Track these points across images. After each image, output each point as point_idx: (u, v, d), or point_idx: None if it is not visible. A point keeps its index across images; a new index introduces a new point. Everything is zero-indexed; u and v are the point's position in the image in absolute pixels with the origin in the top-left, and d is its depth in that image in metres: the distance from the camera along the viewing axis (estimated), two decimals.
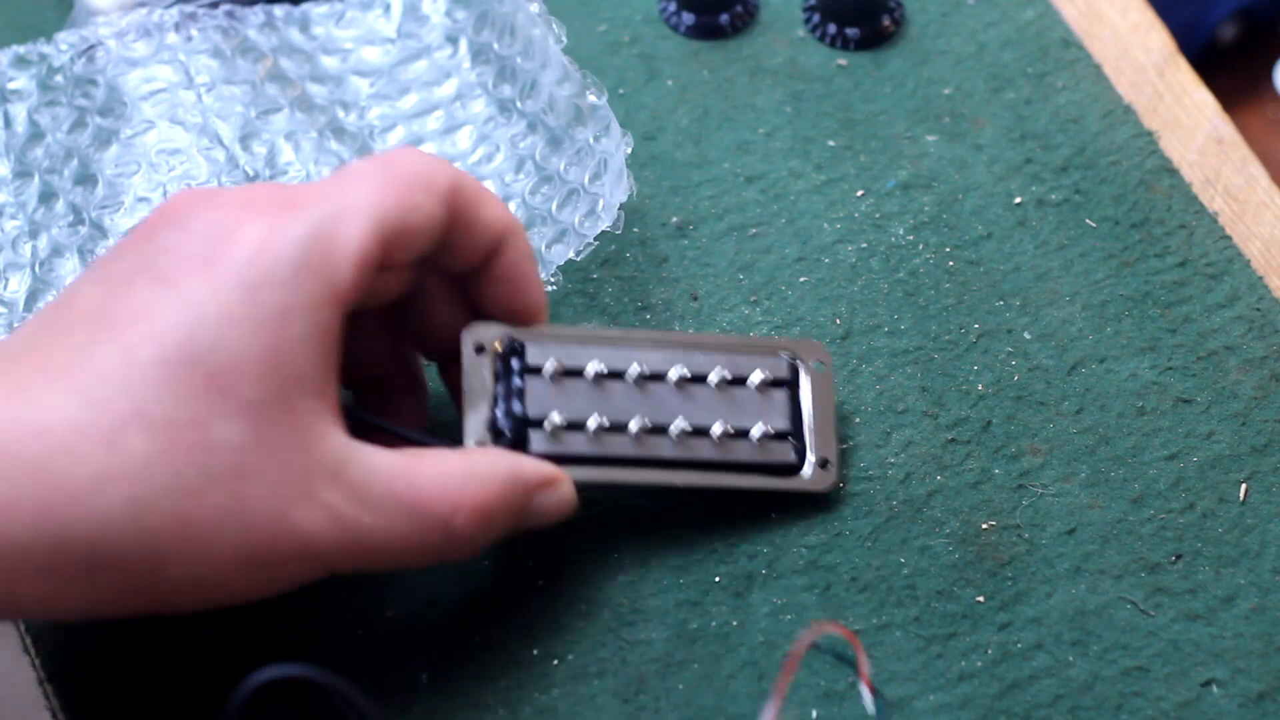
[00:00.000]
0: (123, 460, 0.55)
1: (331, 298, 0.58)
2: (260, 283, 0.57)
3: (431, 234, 0.61)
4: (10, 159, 0.74)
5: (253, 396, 0.57)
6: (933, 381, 0.71)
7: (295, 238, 0.58)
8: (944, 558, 0.67)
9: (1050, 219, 0.74)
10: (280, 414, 0.57)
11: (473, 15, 0.77)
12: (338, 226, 0.59)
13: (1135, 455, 0.69)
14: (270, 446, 0.57)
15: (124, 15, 0.75)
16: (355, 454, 0.59)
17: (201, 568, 0.57)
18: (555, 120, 0.74)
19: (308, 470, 0.57)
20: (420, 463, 0.60)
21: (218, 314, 0.57)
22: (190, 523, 0.56)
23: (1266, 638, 0.65)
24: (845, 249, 0.74)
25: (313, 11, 0.78)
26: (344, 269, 0.58)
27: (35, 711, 0.65)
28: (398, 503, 0.59)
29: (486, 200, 0.63)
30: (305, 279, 0.58)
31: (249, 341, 0.57)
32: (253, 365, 0.57)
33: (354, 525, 0.58)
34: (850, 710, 0.64)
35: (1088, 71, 0.78)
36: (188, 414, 0.56)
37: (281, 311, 0.57)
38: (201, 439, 0.56)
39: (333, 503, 0.58)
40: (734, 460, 0.66)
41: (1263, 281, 0.73)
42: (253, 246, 0.58)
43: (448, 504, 0.60)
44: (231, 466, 0.56)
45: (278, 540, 0.57)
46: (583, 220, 0.72)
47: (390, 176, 0.60)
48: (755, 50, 0.79)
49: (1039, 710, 0.64)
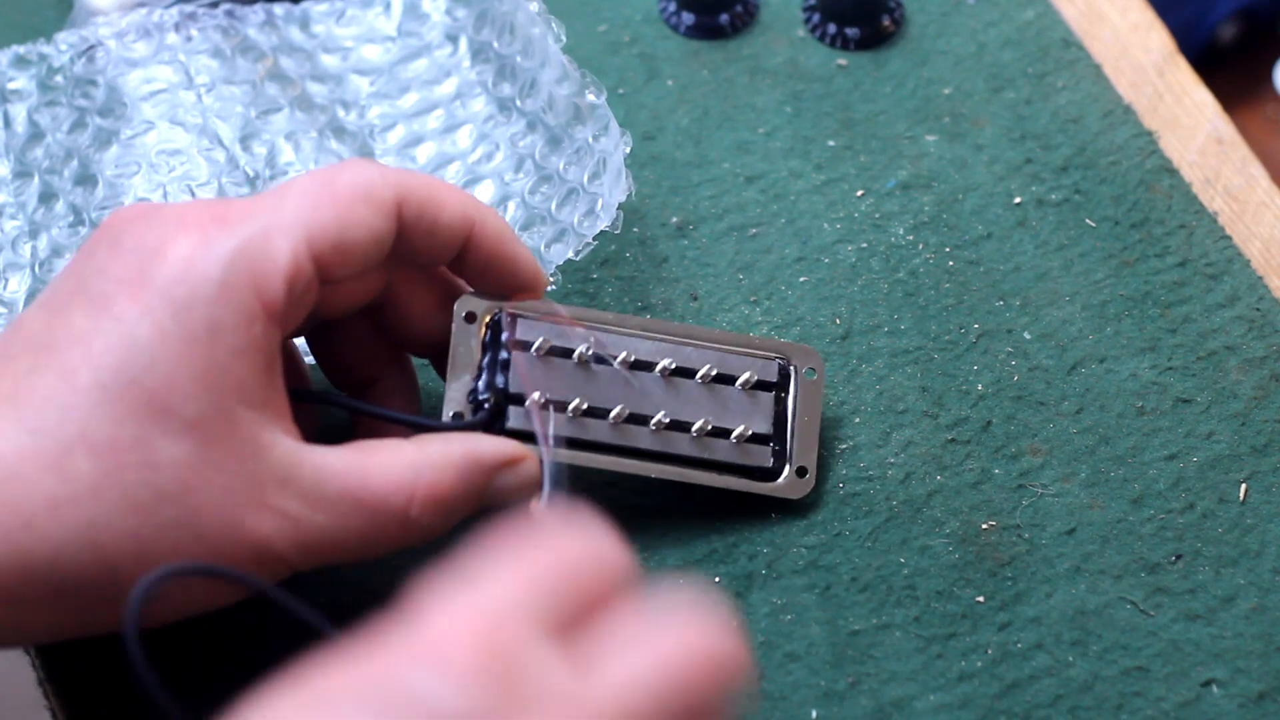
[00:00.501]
0: (72, 485, 0.57)
1: (262, 312, 0.59)
2: (188, 301, 0.58)
3: (377, 245, 0.61)
4: (10, 159, 0.74)
5: (191, 413, 0.57)
6: (933, 381, 0.71)
7: (221, 255, 0.59)
8: (944, 558, 0.67)
9: (1050, 219, 0.74)
10: (221, 427, 0.58)
11: (473, 14, 0.77)
12: (267, 243, 0.59)
13: (1135, 455, 0.69)
14: (215, 460, 0.58)
15: (124, 15, 0.75)
16: (305, 457, 0.59)
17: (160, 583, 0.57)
18: (554, 119, 0.74)
19: (257, 478, 0.58)
20: (372, 457, 0.60)
21: (150, 335, 0.58)
22: (144, 539, 0.57)
23: (1266, 638, 0.65)
24: (845, 249, 0.74)
25: (313, 10, 0.78)
26: (273, 284, 0.59)
27: (35, 711, 0.65)
28: (351, 500, 0.59)
29: (443, 200, 0.62)
30: (232, 295, 0.58)
31: (182, 359, 0.58)
32: (188, 383, 0.57)
33: (309, 526, 0.59)
34: (850, 710, 0.64)
35: (1088, 71, 0.78)
36: (130, 435, 0.57)
37: (210, 328, 0.58)
38: (146, 458, 0.57)
39: (285, 507, 0.58)
40: (711, 459, 0.66)
41: (1263, 281, 0.73)
42: (181, 265, 0.58)
43: (402, 496, 0.60)
44: (178, 482, 0.57)
45: (233, 548, 0.58)
46: (582, 220, 0.72)
47: (329, 191, 0.61)
48: (755, 50, 0.79)
49: (1039, 710, 0.64)
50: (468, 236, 0.63)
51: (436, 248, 0.63)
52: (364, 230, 0.61)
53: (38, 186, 0.74)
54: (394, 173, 0.62)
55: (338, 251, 0.60)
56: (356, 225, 0.60)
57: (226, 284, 0.58)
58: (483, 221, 0.63)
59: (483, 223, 0.63)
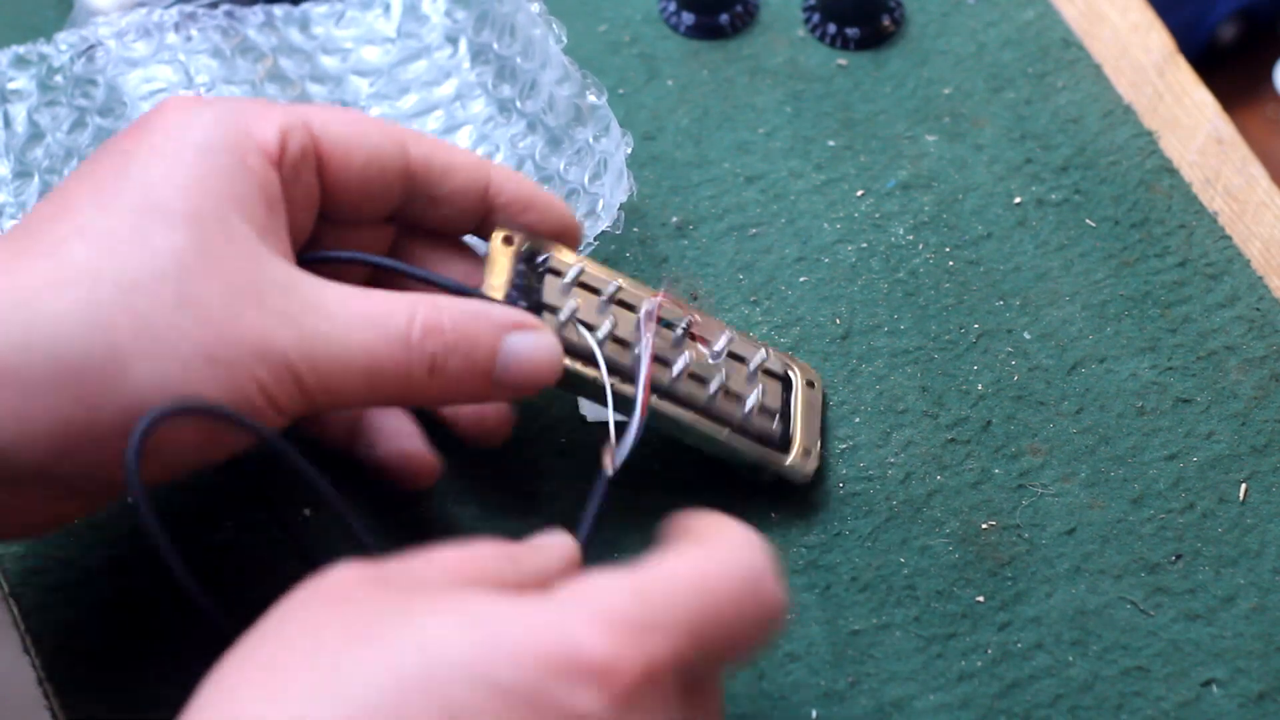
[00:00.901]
0: (69, 268, 0.57)
1: (258, 150, 0.60)
2: (187, 128, 0.60)
3: (381, 163, 0.62)
4: (10, 159, 0.74)
5: (187, 209, 0.58)
6: (933, 381, 0.71)
7: (222, 105, 0.61)
8: (944, 558, 0.67)
9: (1050, 219, 0.74)
10: (217, 230, 0.58)
11: (472, 15, 0.77)
12: (266, 107, 0.61)
13: (1135, 455, 0.69)
14: (213, 255, 0.58)
15: (124, 15, 0.75)
16: (305, 277, 0.60)
17: (162, 364, 0.57)
18: (555, 120, 0.74)
19: (257, 281, 0.58)
20: (374, 291, 0.61)
21: (147, 155, 0.59)
22: (143, 315, 0.57)
23: (1266, 638, 0.65)
24: (845, 249, 0.74)
25: (312, 11, 0.78)
26: (265, 128, 0.60)
27: (35, 711, 0.65)
28: (353, 311, 0.59)
29: (455, 151, 0.64)
30: (226, 128, 0.60)
31: (175, 167, 0.59)
32: (184, 188, 0.58)
33: (312, 331, 0.58)
34: (850, 710, 0.64)
35: (1088, 71, 0.78)
36: (126, 224, 0.58)
37: (203, 146, 0.59)
38: (142, 242, 0.57)
39: (287, 309, 0.58)
40: (727, 414, 0.66)
41: (1263, 281, 0.73)
42: (186, 110, 0.60)
43: (404, 316, 0.60)
44: (177, 266, 0.57)
45: (236, 335, 0.57)
46: (582, 220, 0.72)
47: (349, 112, 0.63)
48: (755, 50, 0.79)
49: (1039, 710, 0.64)
50: (486, 183, 0.64)
51: (456, 191, 0.63)
52: (369, 146, 0.62)
53: (38, 186, 0.74)
54: (410, 129, 0.64)
55: (340, 151, 0.61)
56: (362, 139, 0.62)
57: (220, 120, 0.60)
58: (499, 170, 0.65)
59: (499, 171, 0.64)
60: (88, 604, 0.66)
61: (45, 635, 0.65)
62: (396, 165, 0.63)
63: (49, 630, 0.65)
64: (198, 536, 0.65)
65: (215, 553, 0.66)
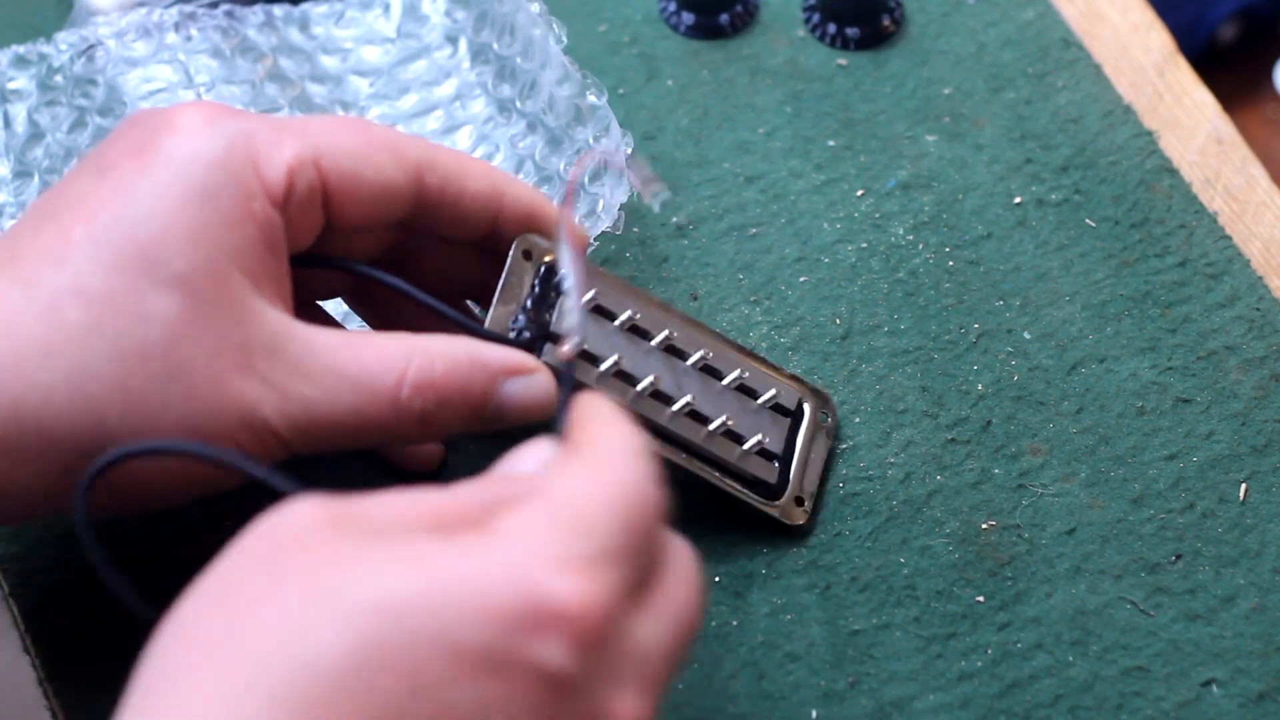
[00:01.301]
0: (62, 332, 0.57)
1: (262, 191, 0.59)
2: (188, 164, 0.59)
3: (387, 194, 0.61)
4: (10, 159, 0.74)
5: (182, 269, 0.58)
6: (933, 381, 0.71)
7: (230, 130, 0.60)
8: (944, 558, 0.67)
9: (1050, 219, 0.74)
10: (212, 288, 0.58)
11: (472, 15, 0.77)
12: (277, 135, 0.60)
13: (1135, 455, 0.69)
14: (204, 318, 0.58)
15: (124, 15, 0.75)
16: (297, 330, 0.59)
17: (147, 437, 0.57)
18: (555, 120, 0.74)
19: (245, 343, 0.58)
20: (368, 339, 0.60)
21: (147, 193, 0.58)
22: (131, 390, 0.57)
23: (1266, 638, 0.65)
24: (845, 249, 0.74)
25: (312, 11, 0.78)
26: (274, 168, 0.59)
27: (35, 711, 0.65)
28: (340, 375, 0.59)
29: (470, 171, 0.63)
30: (233, 167, 0.59)
31: (176, 217, 0.58)
32: (181, 240, 0.58)
33: (297, 397, 0.58)
34: (850, 710, 0.64)
35: (1088, 71, 0.78)
36: (120, 285, 0.57)
37: (207, 192, 0.58)
38: (136, 309, 0.57)
39: (272, 375, 0.58)
40: (720, 457, 0.66)
41: (1263, 281, 0.73)
42: (187, 133, 0.59)
43: (393, 375, 0.59)
44: (167, 334, 0.57)
45: (220, 408, 0.58)
46: (583, 221, 0.72)
47: (356, 128, 0.62)
48: (755, 50, 0.79)
49: (1039, 710, 0.64)
50: (498, 210, 0.63)
51: (466, 217, 0.63)
52: (378, 174, 0.61)
53: (38, 186, 0.74)
54: (425, 143, 0.63)
55: (349, 181, 0.61)
56: (372, 167, 0.61)
57: (230, 154, 0.59)
58: (515, 193, 0.64)
59: (515, 194, 0.64)
60: (88, 604, 0.66)
61: (45, 635, 0.65)
62: (406, 195, 0.62)
63: (49, 630, 0.65)
64: (198, 537, 0.65)
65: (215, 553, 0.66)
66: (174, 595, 0.51)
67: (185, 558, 0.56)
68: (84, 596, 0.66)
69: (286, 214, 0.60)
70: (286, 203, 0.60)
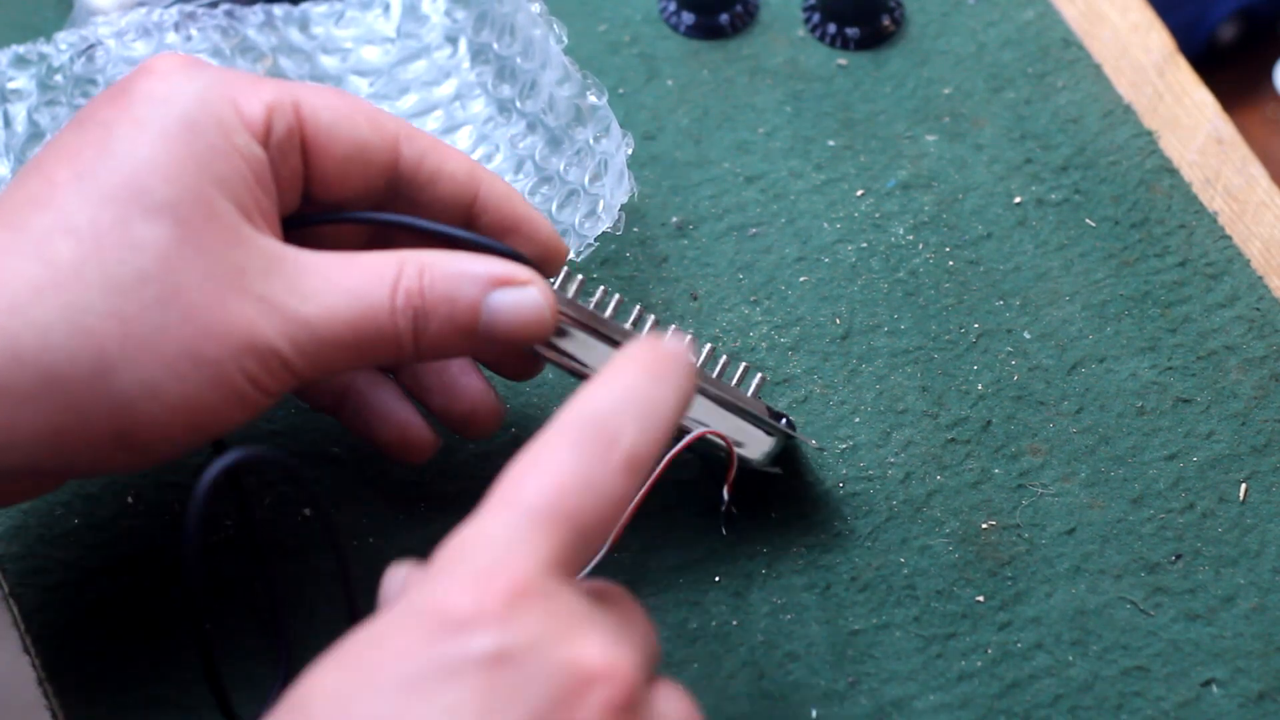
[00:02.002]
0: (53, 269, 0.57)
1: (242, 125, 0.60)
2: (169, 101, 0.59)
3: (366, 155, 0.61)
4: (10, 159, 0.74)
5: (169, 196, 0.58)
6: (933, 381, 0.71)
7: (209, 75, 0.60)
8: (944, 558, 0.67)
9: (1050, 219, 0.74)
10: (200, 214, 0.58)
11: (472, 15, 0.77)
12: (254, 81, 0.61)
13: (1135, 455, 0.69)
14: (195, 243, 0.58)
15: (124, 15, 0.75)
16: (289, 252, 0.60)
17: (149, 368, 0.57)
18: (555, 121, 0.74)
19: (239, 266, 0.58)
20: (361, 255, 0.60)
21: (128, 131, 0.59)
22: (128, 319, 0.57)
23: (1266, 638, 0.65)
24: (845, 249, 0.74)
25: (312, 11, 0.78)
26: (251, 103, 0.60)
27: (35, 711, 0.65)
28: (336, 288, 0.59)
29: (448, 154, 0.63)
30: (211, 103, 0.59)
31: (159, 149, 0.58)
32: (165, 168, 0.58)
33: (295, 315, 0.59)
34: (850, 710, 0.64)
35: (1088, 71, 0.78)
36: (108, 218, 0.57)
37: (187, 122, 0.59)
38: (125, 239, 0.57)
39: (268, 293, 0.58)
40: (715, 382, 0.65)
41: (1263, 281, 0.73)
42: (165, 76, 0.60)
43: (387, 285, 0.60)
44: (159, 261, 0.57)
45: (220, 331, 0.58)
46: (583, 221, 0.72)
47: (337, 93, 0.62)
48: (755, 50, 0.79)
49: (1039, 710, 0.64)
50: (474, 196, 0.63)
51: (440, 199, 0.63)
52: (354, 132, 0.61)
53: None
54: (404, 121, 0.63)
55: (325, 134, 0.61)
56: (349, 124, 0.61)
57: (205, 90, 0.60)
58: (490, 183, 0.63)
59: (490, 184, 0.63)
60: (88, 604, 0.66)
61: (45, 635, 0.65)
62: (382, 160, 0.62)
63: (49, 630, 0.65)
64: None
65: (215, 553, 0.66)
66: None
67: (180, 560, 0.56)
68: (84, 596, 0.66)
69: (269, 152, 0.60)
70: (266, 141, 0.60)
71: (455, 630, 0.50)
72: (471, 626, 0.50)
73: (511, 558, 0.51)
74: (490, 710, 0.49)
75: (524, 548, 0.51)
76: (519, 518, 0.52)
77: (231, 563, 0.66)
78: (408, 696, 0.49)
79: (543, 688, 0.50)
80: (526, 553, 0.51)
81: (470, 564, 0.51)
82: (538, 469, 0.53)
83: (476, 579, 0.51)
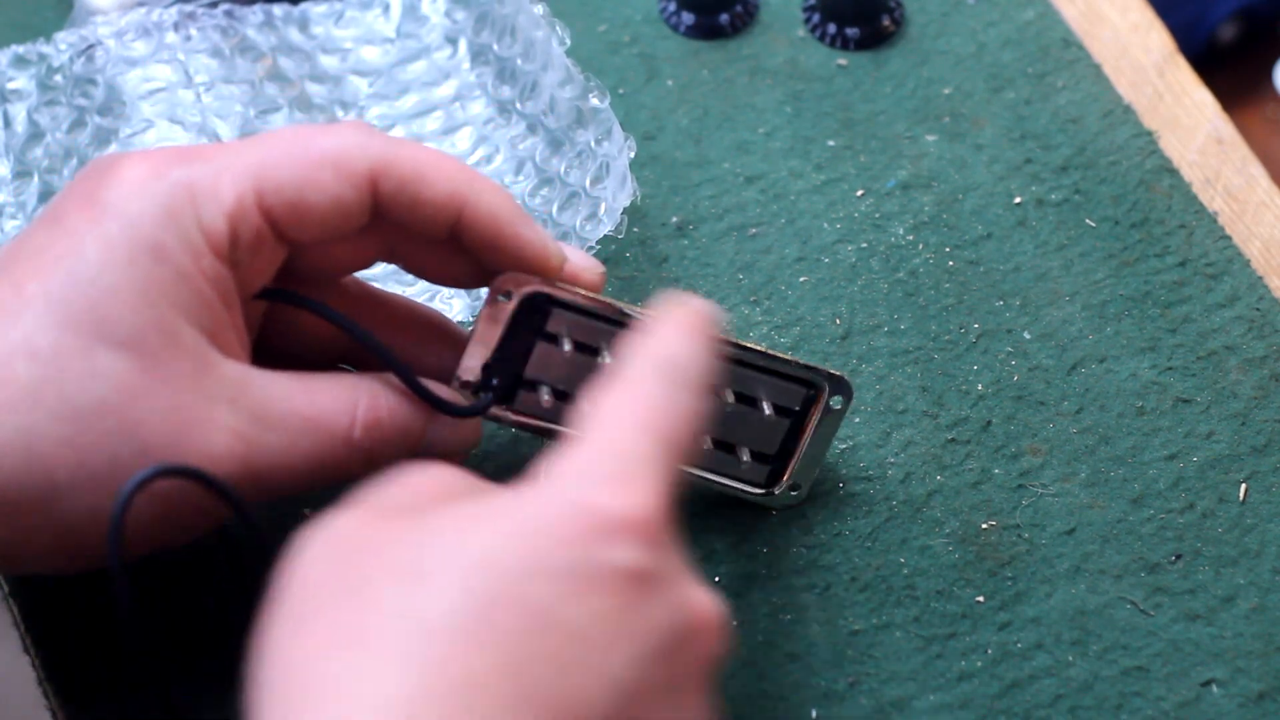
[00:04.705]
0: (10, 390, 0.56)
1: (206, 245, 0.59)
2: (134, 221, 0.59)
3: (338, 212, 0.61)
4: (10, 159, 0.74)
5: (133, 326, 0.57)
6: (933, 381, 0.71)
7: (172, 181, 0.59)
8: (944, 558, 0.67)
9: (1050, 219, 0.74)
10: (163, 343, 0.58)
11: (472, 16, 0.77)
12: (215, 181, 0.60)
13: (1135, 455, 0.69)
14: (158, 374, 0.58)
15: (123, 15, 0.75)
16: (253, 378, 0.59)
17: (98, 497, 0.57)
18: (556, 122, 0.74)
19: (204, 396, 0.58)
20: (318, 381, 0.61)
21: (97, 250, 0.58)
22: (82, 449, 0.57)
23: (1266, 638, 0.65)
24: (845, 249, 0.74)
25: (312, 11, 0.78)
26: (215, 220, 0.59)
27: (35, 711, 0.65)
28: (299, 419, 0.60)
29: (428, 177, 0.61)
30: (175, 222, 0.59)
31: (125, 275, 0.58)
32: (130, 296, 0.58)
33: (257, 445, 0.59)
34: (850, 710, 0.64)
35: (1088, 71, 0.78)
36: (71, 343, 0.57)
37: (154, 249, 0.58)
38: (86, 366, 0.57)
39: (233, 425, 0.58)
40: (710, 464, 0.66)
41: (1263, 281, 0.73)
42: (130, 186, 0.59)
43: (346, 417, 0.60)
44: (120, 392, 0.57)
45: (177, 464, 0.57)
46: (584, 224, 0.72)
47: (297, 150, 0.61)
48: (755, 50, 0.79)
49: (1039, 710, 0.64)
50: (457, 216, 0.62)
51: (422, 223, 0.62)
52: (323, 195, 0.60)
53: (38, 186, 0.74)
54: (381, 142, 0.61)
55: (293, 211, 0.60)
56: (316, 189, 0.60)
57: (170, 209, 0.59)
58: (475, 202, 0.62)
59: (475, 203, 0.62)
60: (88, 604, 0.66)
61: (45, 635, 0.65)
62: (358, 207, 0.61)
63: (49, 630, 0.65)
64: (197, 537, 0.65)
65: (215, 552, 0.66)
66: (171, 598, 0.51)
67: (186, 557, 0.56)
68: (84, 596, 0.66)
69: (235, 261, 0.60)
70: (233, 252, 0.60)
71: (607, 535, 0.51)
72: (621, 535, 0.51)
73: (650, 472, 0.53)
74: (622, 631, 0.51)
75: (653, 466, 0.53)
76: (644, 437, 0.54)
77: (232, 564, 0.66)
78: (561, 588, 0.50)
79: (666, 621, 0.51)
80: (656, 472, 0.53)
81: (613, 470, 0.53)
82: (637, 402, 0.54)
83: (626, 486, 0.52)
